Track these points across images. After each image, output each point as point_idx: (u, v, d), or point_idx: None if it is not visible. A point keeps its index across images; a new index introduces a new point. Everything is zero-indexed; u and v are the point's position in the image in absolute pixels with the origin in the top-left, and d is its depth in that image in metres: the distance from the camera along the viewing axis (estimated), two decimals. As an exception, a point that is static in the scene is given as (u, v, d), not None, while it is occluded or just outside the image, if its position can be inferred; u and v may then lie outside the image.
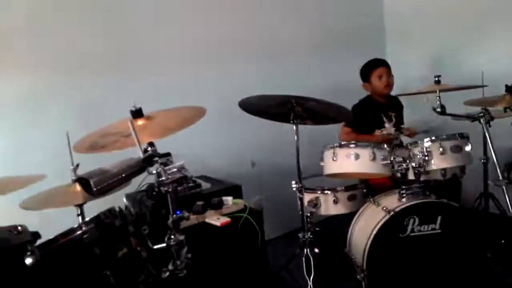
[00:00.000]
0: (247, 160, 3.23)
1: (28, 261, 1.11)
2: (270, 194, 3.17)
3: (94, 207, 1.74)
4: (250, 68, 3.22)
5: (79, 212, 1.83)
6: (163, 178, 1.43)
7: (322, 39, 3.57)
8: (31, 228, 1.65)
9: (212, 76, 3.07)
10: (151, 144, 1.48)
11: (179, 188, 1.47)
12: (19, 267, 1.10)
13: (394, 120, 2.92)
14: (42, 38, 2.53)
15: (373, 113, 2.90)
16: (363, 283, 2.11)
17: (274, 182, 3.06)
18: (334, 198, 2.44)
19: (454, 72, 3.10)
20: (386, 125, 2.90)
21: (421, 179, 2.28)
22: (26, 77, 2.48)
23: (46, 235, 1.63)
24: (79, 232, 1.28)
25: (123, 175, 1.32)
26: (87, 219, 1.45)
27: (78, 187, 1.73)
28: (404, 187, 2.26)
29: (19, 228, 1.26)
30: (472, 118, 2.38)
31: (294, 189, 2.24)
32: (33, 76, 2.50)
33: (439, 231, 2.12)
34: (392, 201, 2.26)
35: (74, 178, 1.78)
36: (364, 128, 2.87)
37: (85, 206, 1.88)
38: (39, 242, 1.29)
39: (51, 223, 1.61)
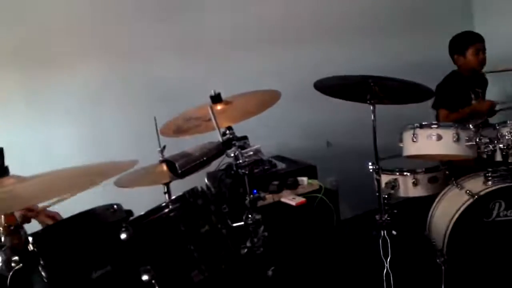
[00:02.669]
0: (323, 140, 3.24)
1: (123, 236, 1.25)
2: (346, 174, 3.16)
3: (180, 185, 1.88)
4: (325, 48, 3.19)
5: (165, 190, 1.98)
6: (240, 161, 1.51)
7: (400, 14, 3.41)
8: (123, 203, 1.84)
9: (288, 57, 3.09)
10: (229, 128, 1.55)
11: (255, 170, 1.53)
12: (115, 241, 1.24)
13: (480, 96, 2.76)
14: (118, 26, 2.70)
15: (461, 90, 2.76)
16: (443, 268, 2.06)
17: (350, 163, 3.03)
18: (413, 180, 2.37)
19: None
20: (474, 102, 2.75)
21: (511, 160, 2.15)
22: (110, 64, 2.69)
23: (136, 210, 1.82)
24: (166, 210, 1.39)
25: (205, 158, 1.41)
26: (173, 197, 1.56)
27: (165, 167, 1.87)
28: (490, 169, 2.13)
29: (115, 206, 1.41)
30: None
31: (371, 170, 2.22)
32: (115, 63, 2.70)
33: (528, 216, 1.99)
34: (477, 184, 2.15)
35: (161, 159, 1.93)
36: (454, 105, 2.74)
37: (172, 185, 2.04)
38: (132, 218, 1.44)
39: (141, 199, 1.78)
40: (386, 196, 2.33)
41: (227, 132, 1.63)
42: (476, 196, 2.02)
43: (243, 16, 2.96)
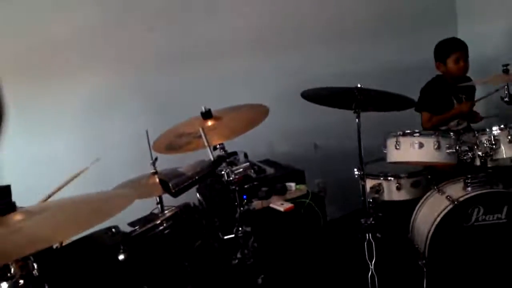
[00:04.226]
0: (311, 143, 3.32)
1: (121, 257, 1.32)
2: (333, 176, 3.24)
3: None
4: (313, 52, 3.25)
5: (158, 200, 2.05)
6: (231, 178, 1.58)
7: (387, 19, 3.49)
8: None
9: (276, 63, 3.15)
10: (221, 146, 1.62)
11: (245, 186, 1.61)
12: (114, 263, 1.31)
13: (464, 101, 2.84)
14: (115, 39, 2.73)
15: (443, 95, 2.83)
16: (425, 269, 2.16)
17: (337, 165, 3.11)
18: (397, 184, 2.46)
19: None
20: (457, 105, 2.83)
21: (491, 165, 2.24)
22: (102, 76, 2.72)
23: (126, 216, 1.87)
24: (161, 228, 1.46)
25: (197, 177, 1.47)
26: (166, 211, 1.63)
27: (157, 179, 1.93)
28: (469, 175, 2.23)
29: (113, 230, 1.48)
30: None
31: (356, 176, 2.30)
32: (108, 75, 2.73)
33: (504, 220, 2.09)
34: (457, 190, 2.24)
35: (153, 171, 1.99)
36: (436, 109, 2.82)
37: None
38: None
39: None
40: (370, 200, 2.43)
41: (218, 146, 1.70)
42: (456, 202, 2.11)
43: (229, 25, 3.00)
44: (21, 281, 1.09)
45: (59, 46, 2.58)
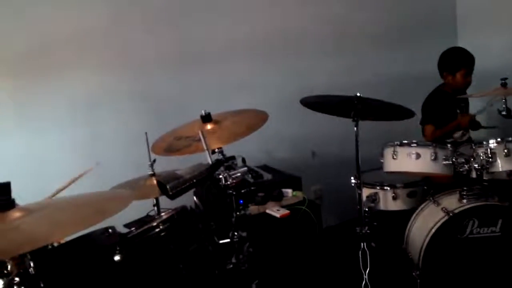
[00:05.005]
0: (308, 150, 3.33)
1: (117, 258, 1.33)
2: (330, 183, 3.26)
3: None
4: (314, 60, 3.28)
5: (154, 202, 2.05)
6: (228, 183, 1.58)
7: (388, 30, 3.52)
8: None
9: (276, 70, 3.17)
10: (220, 150, 1.63)
11: (242, 191, 1.61)
12: (110, 263, 1.31)
13: (464, 110, 2.87)
14: (115, 39, 2.74)
15: (447, 106, 2.85)
16: (418, 281, 2.17)
17: (335, 172, 3.14)
18: (393, 194, 2.47)
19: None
20: (459, 116, 2.85)
21: (487, 178, 2.26)
22: (101, 76, 2.72)
23: (123, 219, 1.87)
24: (157, 230, 1.47)
25: (194, 181, 1.48)
26: (162, 213, 1.63)
27: (154, 181, 1.94)
28: (465, 188, 2.24)
29: (110, 230, 1.48)
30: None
31: (353, 184, 2.31)
32: (107, 76, 2.74)
33: (499, 234, 2.11)
34: (452, 202, 2.25)
35: (151, 172, 2.00)
36: (440, 122, 2.83)
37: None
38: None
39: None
40: (366, 209, 2.44)
41: (216, 150, 1.71)
42: (451, 214, 2.12)
43: (232, 30, 3.02)
44: (17, 279, 1.09)
45: (58, 44, 2.58)
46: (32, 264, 1.08)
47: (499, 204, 2.14)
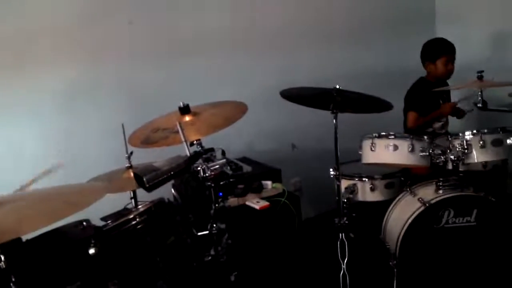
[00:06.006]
0: (288, 142, 3.33)
1: (91, 251, 1.30)
2: (309, 175, 3.27)
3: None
4: (295, 53, 3.27)
5: (132, 195, 2.02)
6: (207, 175, 1.57)
7: (368, 23, 3.53)
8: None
9: (255, 62, 3.15)
10: (198, 142, 1.61)
11: (221, 183, 1.60)
12: (85, 257, 1.29)
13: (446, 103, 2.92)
14: (94, 30, 2.68)
15: (429, 95, 2.88)
16: (395, 270, 2.20)
17: (314, 164, 3.15)
18: (371, 185, 2.50)
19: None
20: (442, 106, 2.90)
21: (462, 169, 2.30)
22: (78, 67, 2.66)
23: (99, 212, 1.83)
24: (133, 223, 1.45)
25: (172, 173, 1.46)
26: (139, 206, 1.61)
27: (132, 174, 1.91)
28: (441, 179, 2.28)
29: (84, 223, 1.45)
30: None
31: (332, 176, 2.33)
32: (84, 67, 2.68)
33: (474, 223, 2.15)
34: (429, 192, 2.29)
35: (127, 165, 1.97)
36: (423, 110, 2.87)
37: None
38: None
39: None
40: (345, 200, 2.46)
41: (195, 142, 1.69)
42: (427, 204, 2.16)
43: (213, 22, 2.99)
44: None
45: (33, 35, 2.52)
46: (2, 258, 1.06)
47: (474, 195, 2.19)
